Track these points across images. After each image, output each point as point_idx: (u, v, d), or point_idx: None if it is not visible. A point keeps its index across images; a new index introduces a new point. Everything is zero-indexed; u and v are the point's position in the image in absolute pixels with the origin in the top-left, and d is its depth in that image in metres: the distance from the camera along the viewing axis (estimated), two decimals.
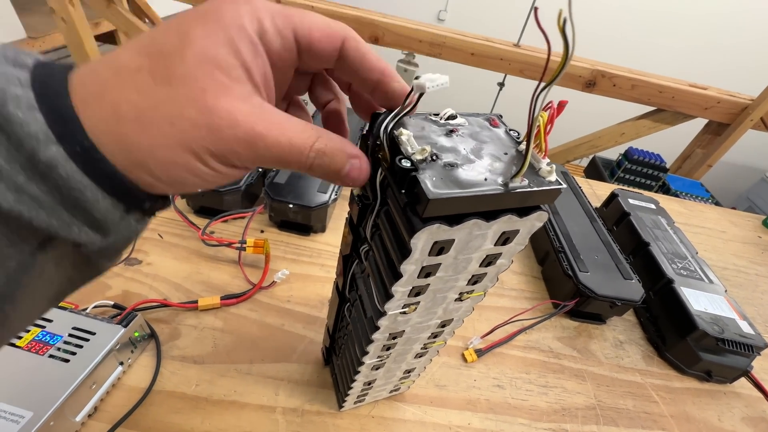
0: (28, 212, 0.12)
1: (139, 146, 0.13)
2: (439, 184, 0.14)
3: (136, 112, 0.12)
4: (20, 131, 0.11)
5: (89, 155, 0.12)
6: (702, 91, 1.15)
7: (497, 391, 0.39)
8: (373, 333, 0.22)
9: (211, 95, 0.13)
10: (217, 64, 0.13)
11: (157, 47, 0.13)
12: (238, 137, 0.13)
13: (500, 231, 0.17)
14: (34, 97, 0.12)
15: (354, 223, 0.22)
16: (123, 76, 0.13)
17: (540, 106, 0.14)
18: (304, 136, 0.15)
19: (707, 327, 0.43)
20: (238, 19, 0.13)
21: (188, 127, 0.13)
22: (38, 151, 0.11)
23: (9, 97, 0.11)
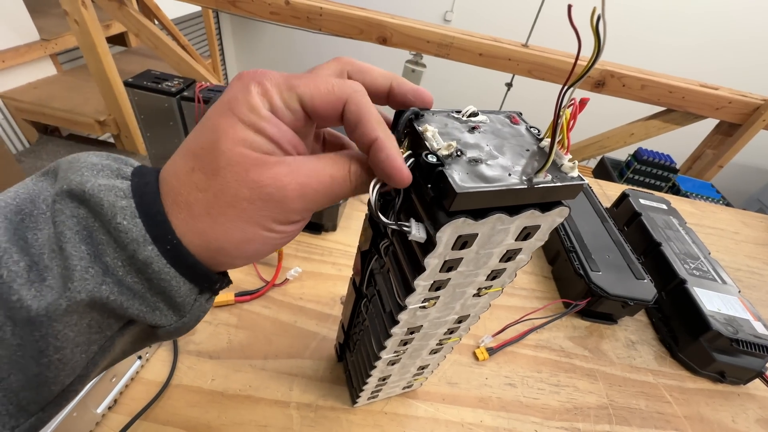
0: (126, 302, 0.14)
1: (215, 236, 0.15)
2: (465, 179, 0.15)
3: (204, 207, 0.15)
4: (125, 237, 0.14)
5: (176, 251, 0.15)
6: (713, 91, 1.14)
7: (509, 389, 0.39)
8: (392, 327, 0.22)
9: (254, 172, 0.15)
10: (248, 145, 0.15)
11: (199, 146, 0.15)
12: (289, 196, 0.15)
13: (522, 226, 0.17)
14: (135, 206, 0.14)
15: (374, 219, 0.22)
16: (183, 179, 0.15)
17: (567, 101, 0.14)
18: (338, 166, 0.16)
19: (721, 328, 0.43)
20: (251, 102, 0.15)
21: (247, 205, 0.15)
22: (138, 252, 0.14)
23: (117, 210, 0.14)
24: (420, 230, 0.16)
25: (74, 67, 1.92)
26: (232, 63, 2.96)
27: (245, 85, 0.15)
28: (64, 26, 1.60)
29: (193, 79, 1.18)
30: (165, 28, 1.95)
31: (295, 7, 1.19)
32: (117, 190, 0.14)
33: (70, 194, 0.14)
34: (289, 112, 0.16)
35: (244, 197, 0.15)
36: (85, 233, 0.14)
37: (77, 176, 0.14)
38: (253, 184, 0.15)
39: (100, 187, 0.14)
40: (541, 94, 1.78)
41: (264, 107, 0.15)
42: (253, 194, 0.15)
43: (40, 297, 0.13)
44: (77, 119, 1.65)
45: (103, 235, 0.14)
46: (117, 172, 0.15)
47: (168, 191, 0.15)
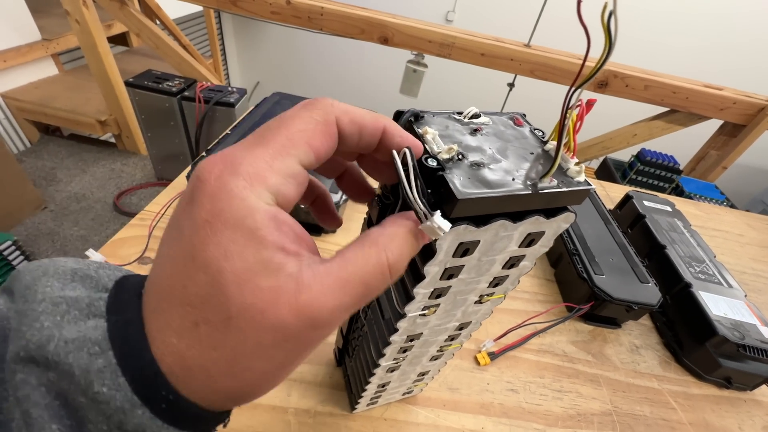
0: None
1: (242, 391, 0.13)
2: (467, 184, 0.14)
3: (224, 367, 0.12)
4: (107, 408, 0.11)
5: (175, 408, 0.12)
6: (717, 92, 1.13)
7: (511, 395, 0.39)
8: (391, 335, 0.22)
9: (272, 311, 0.12)
10: (254, 274, 0.12)
11: (194, 294, 0.12)
12: (320, 326, 0.12)
13: (526, 232, 0.17)
14: (115, 362, 0.11)
15: (373, 224, 0.21)
16: (187, 337, 0.12)
17: (575, 102, 0.13)
18: (370, 264, 0.13)
19: (727, 333, 0.42)
20: (242, 207, 0.12)
21: (274, 351, 0.12)
22: (125, 421, 0.11)
23: (94, 375, 0.11)
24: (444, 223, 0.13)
25: (75, 67, 1.92)
26: (233, 63, 2.96)
27: (223, 185, 0.12)
28: (66, 26, 1.61)
29: (194, 79, 1.18)
30: (166, 28, 1.95)
31: (296, 7, 1.18)
32: (90, 344, 0.11)
33: (32, 360, 0.11)
34: (292, 183, 0.13)
35: (269, 344, 0.12)
36: (57, 404, 0.11)
37: (35, 331, 0.11)
38: (275, 326, 0.12)
39: (67, 347, 0.11)
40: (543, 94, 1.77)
41: (260, 204, 0.12)
42: (278, 338, 0.12)
43: None
44: (78, 119, 1.66)
45: (81, 397, 0.11)
46: (87, 309, 0.12)
47: (168, 352, 0.12)
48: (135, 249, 0.44)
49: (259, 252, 0.12)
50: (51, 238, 1.44)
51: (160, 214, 0.48)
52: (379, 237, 0.14)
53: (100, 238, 1.47)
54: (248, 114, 0.64)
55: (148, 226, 0.47)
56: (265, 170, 0.12)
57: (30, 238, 1.42)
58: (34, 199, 1.48)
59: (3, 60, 1.54)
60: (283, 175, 0.13)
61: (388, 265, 0.13)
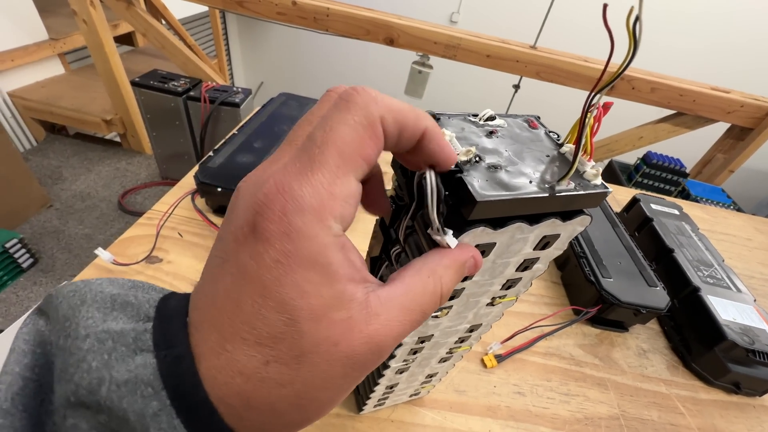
0: None
1: (299, 423, 0.13)
2: (486, 187, 0.14)
3: (292, 402, 0.12)
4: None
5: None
6: (724, 95, 1.12)
7: (518, 398, 0.39)
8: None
9: (345, 344, 0.12)
10: (328, 309, 0.12)
11: (266, 333, 0.11)
12: (384, 353, 0.13)
13: (541, 235, 0.17)
14: (169, 403, 0.11)
15: (385, 225, 0.21)
16: (256, 377, 0.11)
17: (596, 104, 0.13)
18: (428, 294, 0.14)
19: (737, 337, 0.41)
20: (315, 245, 0.11)
21: (341, 381, 0.12)
22: None
23: (149, 420, 0.11)
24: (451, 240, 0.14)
25: (82, 66, 1.93)
26: (238, 63, 2.97)
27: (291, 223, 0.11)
28: (73, 26, 1.62)
29: (199, 79, 1.19)
30: (172, 28, 1.96)
31: (302, 8, 1.18)
32: (142, 386, 0.11)
33: (83, 404, 0.11)
34: (352, 202, 0.12)
35: (338, 375, 0.12)
36: None
37: (84, 373, 0.11)
38: (347, 358, 0.12)
39: (120, 391, 0.11)
40: (549, 96, 1.76)
41: (331, 235, 0.12)
42: (346, 368, 0.12)
43: None
44: (84, 118, 1.67)
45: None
46: (134, 344, 0.12)
47: (233, 393, 0.11)
48: (143, 248, 0.45)
49: (333, 287, 0.12)
50: (56, 236, 1.45)
51: (167, 214, 0.48)
52: (437, 267, 0.14)
53: (105, 236, 1.48)
54: (255, 114, 0.65)
55: (155, 226, 0.47)
56: (329, 199, 0.12)
57: (35, 236, 1.43)
58: (39, 197, 1.49)
59: (11, 59, 1.56)
60: (344, 199, 0.12)
61: (441, 294, 0.14)
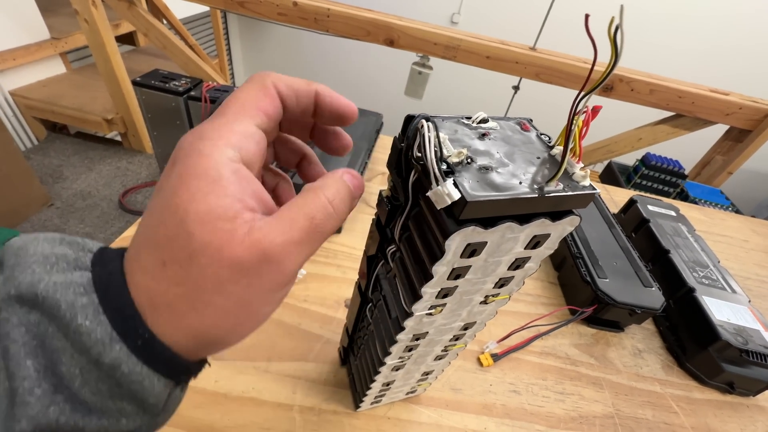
0: (81, 420, 0.12)
1: (206, 330, 0.14)
2: (476, 187, 0.15)
3: (187, 302, 0.13)
4: (87, 339, 0.12)
5: (149, 347, 0.13)
6: (723, 97, 1.12)
7: (513, 396, 0.39)
8: (398, 333, 0.22)
9: (228, 249, 0.13)
10: (214, 216, 0.13)
11: (162, 234, 0.13)
12: (272, 261, 0.14)
13: (532, 234, 0.17)
14: (98, 302, 0.13)
15: (381, 225, 0.22)
16: (155, 275, 0.13)
17: (581, 108, 0.14)
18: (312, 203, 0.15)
19: (730, 338, 0.42)
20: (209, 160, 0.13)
21: (232, 287, 0.13)
22: (103, 354, 0.12)
23: (78, 309, 0.12)
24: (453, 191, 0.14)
25: (83, 65, 1.94)
26: (238, 63, 2.98)
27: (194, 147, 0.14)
28: (74, 25, 1.62)
29: (200, 79, 1.20)
30: (173, 28, 1.97)
31: (302, 8, 1.19)
32: (76, 286, 0.13)
33: (19, 299, 0.12)
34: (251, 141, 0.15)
35: (227, 279, 0.13)
36: (35, 343, 0.12)
37: (27, 275, 0.13)
38: (231, 262, 0.13)
39: (56, 286, 0.12)
40: (548, 97, 1.77)
41: (225, 157, 0.14)
42: (234, 274, 0.13)
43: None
44: (85, 117, 1.67)
45: (58, 341, 0.12)
46: (74, 263, 0.14)
47: (140, 291, 0.13)
48: None
49: (220, 199, 0.13)
50: None
51: None
52: (314, 184, 0.16)
53: (106, 235, 1.48)
54: None
55: None
56: (226, 132, 0.14)
57: None
58: (40, 196, 1.50)
59: (12, 58, 1.56)
60: (241, 135, 0.15)
61: (327, 200, 0.15)
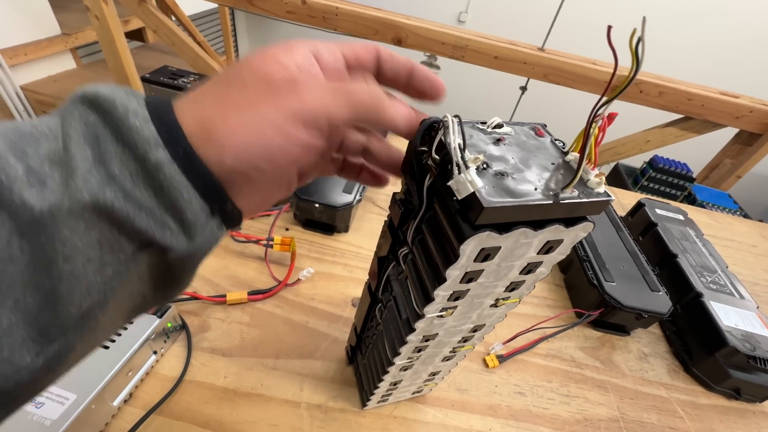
0: (132, 212, 0.13)
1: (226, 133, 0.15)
2: (492, 193, 0.15)
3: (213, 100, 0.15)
4: (136, 137, 0.14)
5: (188, 157, 0.14)
6: (733, 100, 1.11)
7: (518, 398, 0.39)
8: (408, 335, 0.22)
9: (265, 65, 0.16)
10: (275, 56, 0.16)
11: (227, 73, 0.16)
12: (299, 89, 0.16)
13: (545, 240, 0.17)
14: (147, 113, 0.14)
15: (394, 227, 0.22)
16: (203, 97, 0.16)
17: (599, 117, 0.14)
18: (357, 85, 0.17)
19: (738, 344, 0.42)
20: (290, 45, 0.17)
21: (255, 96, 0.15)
22: (148, 153, 0.13)
23: (130, 111, 0.14)
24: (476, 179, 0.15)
25: (93, 61, 1.95)
26: None
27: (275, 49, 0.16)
28: (85, 21, 1.64)
29: (208, 76, 1.17)
30: (182, 25, 1.97)
31: (311, 7, 1.19)
32: (132, 97, 0.14)
33: (83, 99, 0.14)
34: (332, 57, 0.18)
35: (255, 88, 0.15)
36: (92, 138, 0.14)
37: (91, 87, 0.14)
38: (266, 79, 0.15)
39: (114, 92, 0.14)
40: (556, 98, 1.76)
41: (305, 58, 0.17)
42: (264, 88, 0.15)
43: (42, 198, 0.12)
44: None
45: (111, 143, 0.14)
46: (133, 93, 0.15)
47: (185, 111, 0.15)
48: None
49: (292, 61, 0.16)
50: None
51: None
52: None
53: None
54: None
55: None
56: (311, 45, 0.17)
57: None
58: None
59: (24, 53, 1.58)
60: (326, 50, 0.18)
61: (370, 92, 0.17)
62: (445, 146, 0.16)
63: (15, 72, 1.60)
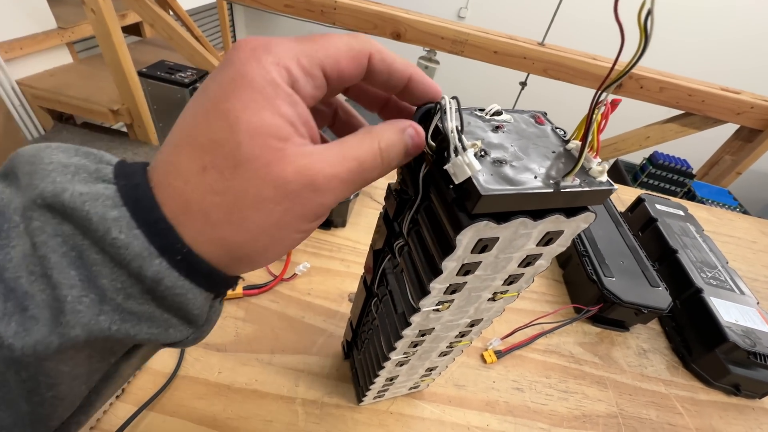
0: (131, 329, 0.12)
1: (239, 245, 0.13)
2: (490, 181, 0.14)
3: (224, 213, 0.13)
4: (126, 254, 0.12)
5: (188, 261, 0.13)
6: (734, 95, 1.11)
7: (516, 393, 0.39)
8: (404, 329, 0.22)
9: (276, 167, 0.13)
10: (266, 131, 0.13)
11: (209, 139, 0.13)
12: (318, 190, 0.13)
13: (545, 231, 0.17)
14: (130, 216, 0.12)
15: (389, 218, 0.21)
16: (193, 181, 0.13)
17: (601, 101, 0.13)
18: (365, 146, 0.15)
19: (738, 339, 0.41)
20: (266, 75, 0.13)
21: (272, 206, 0.13)
22: (144, 268, 0.12)
23: (110, 223, 0.12)
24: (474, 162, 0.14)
25: (90, 56, 1.94)
26: None
27: (255, 56, 0.13)
28: (81, 15, 1.62)
29: (205, 71, 1.19)
30: (179, 19, 1.96)
31: (309, 1, 1.18)
32: (104, 198, 0.12)
33: (48, 207, 0.12)
34: (310, 82, 0.14)
35: (269, 198, 0.13)
36: (74, 254, 0.12)
37: (49, 183, 0.12)
38: (277, 181, 0.13)
39: (83, 197, 0.12)
40: (555, 93, 1.75)
41: (281, 79, 0.13)
42: (278, 194, 0.13)
43: (25, 334, 0.11)
44: (91, 108, 1.67)
45: (96, 254, 0.12)
46: (96, 173, 0.13)
47: (172, 196, 0.13)
48: None
49: (274, 117, 0.13)
50: None
51: None
52: (374, 128, 0.16)
53: None
54: None
55: None
56: (291, 60, 0.13)
57: None
58: None
59: (19, 47, 1.56)
60: (304, 72, 0.14)
61: (380, 148, 0.15)
62: (441, 132, 0.15)
63: (11, 66, 1.58)
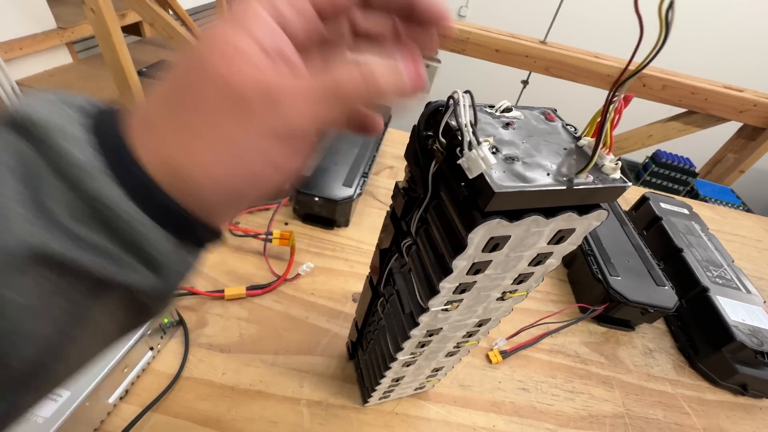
0: (89, 260, 0.11)
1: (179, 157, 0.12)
2: (503, 178, 0.14)
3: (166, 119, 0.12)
4: (76, 171, 0.11)
5: (141, 185, 0.12)
6: (737, 93, 1.10)
7: (522, 394, 0.38)
8: (412, 329, 0.22)
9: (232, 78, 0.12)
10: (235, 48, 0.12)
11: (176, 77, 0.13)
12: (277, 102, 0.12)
13: (557, 229, 0.16)
14: (87, 133, 0.12)
15: (397, 217, 0.21)
16: (151, 97, 0.12)
17: (618, 97, 0.13)
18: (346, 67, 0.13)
19: (745, 339, 0.41)
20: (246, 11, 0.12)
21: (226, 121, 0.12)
22: (84, 181, 0.11)
23: (68, 137, 0.11)
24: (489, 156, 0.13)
25: (90, 56, 1.93)
26: None
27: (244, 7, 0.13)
28: (81, 15, 1.62)
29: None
30: (179, 19, 1.95)
31: None
32: (69, 117, 0.12)
33: (13, 124, 0.12)
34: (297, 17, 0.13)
35: (221, 111, 0.12)
36: (25, 170, 0.11)
37: (25, 106, 0.12)
38: (229, 92, 0.11)
39: (51, 113, 0.12)
40: (557, 92, 1.74)
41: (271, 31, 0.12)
42: (229, 106, 0.11)
43: None
44: None
45: (49, 175, 0.11)
46: (68, 101, 0.13)
47: (134, 116, 0.12)
48: None
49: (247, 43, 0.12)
50: None
51: None
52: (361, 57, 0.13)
53: None
54: None
55: None
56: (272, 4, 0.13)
57: None
58: None
59: (19, 47, 1.56)
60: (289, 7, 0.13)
61: (363, 71, 0.13)
62: (452, 129, 0.15)
63: (10, 67, 1.58)
